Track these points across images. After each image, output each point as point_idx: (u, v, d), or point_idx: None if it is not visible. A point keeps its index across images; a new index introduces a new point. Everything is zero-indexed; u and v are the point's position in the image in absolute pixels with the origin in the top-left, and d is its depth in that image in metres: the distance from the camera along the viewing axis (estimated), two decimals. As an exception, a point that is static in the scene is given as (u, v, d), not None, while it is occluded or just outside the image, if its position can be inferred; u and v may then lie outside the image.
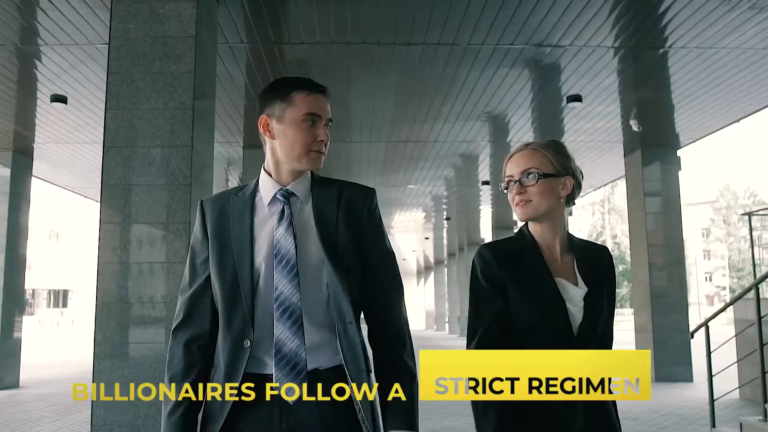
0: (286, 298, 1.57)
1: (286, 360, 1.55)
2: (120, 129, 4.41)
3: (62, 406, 8.10)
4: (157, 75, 4.47)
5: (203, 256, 1.68)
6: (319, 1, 5.49)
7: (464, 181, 13.86)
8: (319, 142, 1.66)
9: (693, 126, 9.50)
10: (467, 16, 5.78)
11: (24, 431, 6.42)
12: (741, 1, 5.56)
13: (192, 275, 1.69)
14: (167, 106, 4.43)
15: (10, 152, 9.99)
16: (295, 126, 1.65)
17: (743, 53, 6.65)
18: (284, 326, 1.56)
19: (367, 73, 7.20)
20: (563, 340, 1.66)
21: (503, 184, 1.80)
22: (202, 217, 1.70)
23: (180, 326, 1.67)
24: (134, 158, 4.37)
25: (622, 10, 5.76)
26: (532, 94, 8.06)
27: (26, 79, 7.38)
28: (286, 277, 1.58)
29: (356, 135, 9.72)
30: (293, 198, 1.68)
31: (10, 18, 5.71)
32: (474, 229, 21.78)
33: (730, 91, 7.93)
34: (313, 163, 1.67)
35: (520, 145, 1.80)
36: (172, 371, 1.64)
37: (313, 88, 1.67)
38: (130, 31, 4.53)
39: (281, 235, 1.61)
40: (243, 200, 1.69)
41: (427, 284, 39.47)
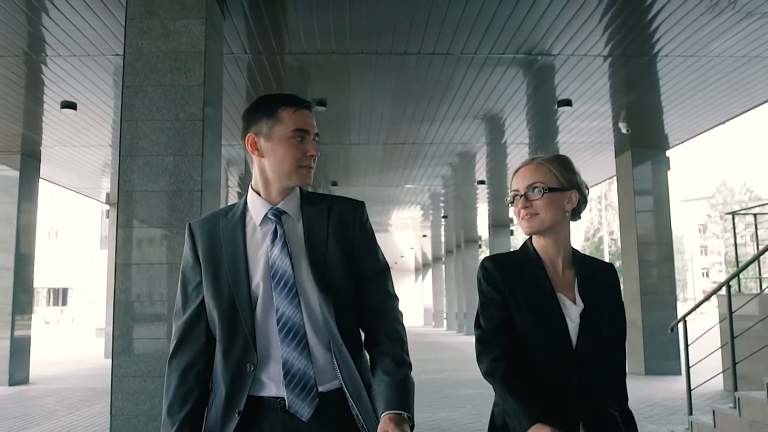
0: (288, 318, 1.55)
1: (296, 381, 1.54)
2: (134, 138, 4.70)
3: (73, 400, 8.41)
4: (168, 88, 4.77)
5: (195, 281, 1.65)
6: (319, 13, 5.78)
7: (461, 180, 14.16)
8: (309, 158, 1.65)
9: (681, 128, 9.81)
10: (460, 26, 6.07)
11: (39, 423, 6.71)
12: (726, 8, 5.85)
13: (184, 301, 1.66)
14: (178, 117, 4.73)
15: (18, 155, 10.28)
16: (284, 143, 1.63)
17: (725, 60, 6.97)
18: (290, 348, 1.55)
19: (365, 79, 7.50)
20: (564, 355, 1.68)
21: (509, 198, 1.80)
22: (192, 242, 1.67)
23: (175, 353, 1.64)
24: (148, 166, 4.67)
25: (612, 20, 6.04)
26: (526, 97, 8.34)
27: (36, 86, 7.65)
28: (286, 298, 1.56)
29: (355, 137, 10.02)
30: (285, 216, 1.65)
31: (22, 29, 6.00)
32: (471, 226, 22.07)
33: (715, 94, 8.25)
34: (303, 178, 1.65)
35: (526, 160, 1.81)
36: (169, 401, 1.61)
37: (299, 104, 1.66)
38: (143, 47, 4.82)
39: (277, 255, 1.59)
40: (233, 222, 1.66)
41: (425, 281, 39.71)
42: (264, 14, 5.80)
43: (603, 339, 1.72)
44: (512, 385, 1.64)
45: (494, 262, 1.78)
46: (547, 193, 1.73)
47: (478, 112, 8.89)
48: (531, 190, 1.74)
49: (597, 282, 1.77)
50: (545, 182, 1.74)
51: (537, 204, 1.73)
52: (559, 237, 1.76)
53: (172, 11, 4.87)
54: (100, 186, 13.99)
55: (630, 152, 10.67)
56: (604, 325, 1.72)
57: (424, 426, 6.33)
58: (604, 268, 1.82)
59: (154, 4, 4.87)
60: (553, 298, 1.71)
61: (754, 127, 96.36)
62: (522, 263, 1.77)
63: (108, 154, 10.84)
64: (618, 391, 1.75)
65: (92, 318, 44.68)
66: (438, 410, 7.24)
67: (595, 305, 1.72)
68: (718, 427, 4.79)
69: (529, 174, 1.76)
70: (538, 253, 1.78)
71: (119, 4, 5.42)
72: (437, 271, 34.08)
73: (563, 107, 8.35)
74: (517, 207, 1.76)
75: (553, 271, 1.76)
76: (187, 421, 1.58)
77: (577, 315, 1.70)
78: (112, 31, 5.99)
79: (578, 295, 1.73)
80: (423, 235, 25.58)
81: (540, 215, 1.73)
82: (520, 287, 1.73)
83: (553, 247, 1.77)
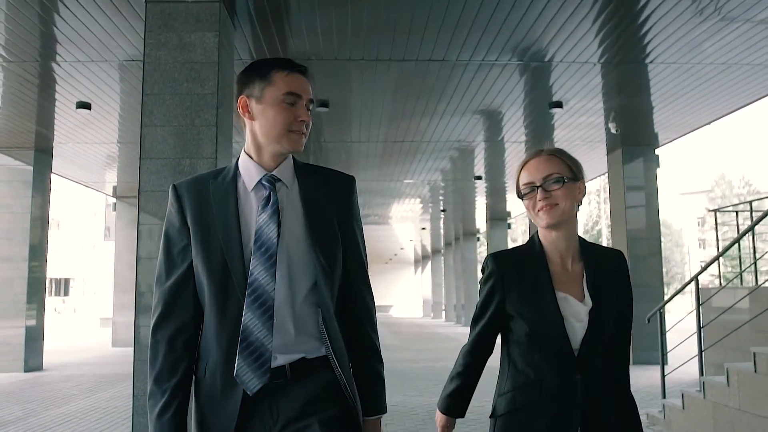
0: (259, 285, 1.50)
1: (251, 350, 1.49)
2: (153, 143, 5.11)
3: (87, 385, 8.85)
4: (185, 96, 5.17)
5: (182, 244, 1.58)
6: (322, 21, 6.16)
7: (459, 176, 14.55)
8: (300, 122, 1.60)
9: (670, 127, 10.21)
10: (456, 34, 6.45)
11: (59, 407, 7.14)
12: (711, 14, 6.22)
13: (169, 265, 1.59)
14: (194, 122, 5.14)
15: (32, 151, 10.69)
16: (275, 105, 1.59)
17: (706, 67, 7.37)
18: (254, 315, 1.50)
19: (365, 83, 7.89)
20: (562, 353, 1.66)
21: (522, 191, 1.76)
22: (179, 203, 1.60)
23: (160, 321, 1.58)
24: (166, 168, 5.08)
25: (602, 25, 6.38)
26: (521, 98, 8.73)
27: (51, 88, 8.04)
28: (263, 265, 1.51)
29: (356, 135, 10.42)
30: (279, 184, 1.61)
31: (45, 36, 6.40)
32: (469, 220, 22.48)
33: (701, 98, 8.65)
34: (294, 143, 1.61)
35: (533, 152, 1.78)
36: (157, 370, 1.55)
37: (293, 67, 1.62)
38: (161, 58, 5.22)
39: (264, 221, 1.55)
40: (224, 185, 1.61)
41: (425, 273, 40.10)
42: (270, 23, 6.19)
43: (610, 336, 1.70)
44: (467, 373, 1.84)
45: (497, 261, 1.77)
46: (565, 183, 1.71)
47: (474, 112, 9.27)
48: (549, 180, 1.71)
49: (606, 273, 1.74)
50: (561, 172, 1.72)
51: (556, 194, 1.70)
52: (571, 228, 1.75)
53: (187, 24, 5.27)
54: (107, 180, 14.41)
55: (620, 150, 11.07)
56: (611, 319, 1.70)
57: (420, 409, 6.78)
58: (612, 256, 1.80)
59: (171, 18, 5.27)
60: (552, 296, 1.69)
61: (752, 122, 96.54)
62: (526, 259, 1.76)
63: (116, 149, 11.26)
64: (621, 378, 1.74)
65: (95, 308, 45.19)
66: (433, 395, 7.68)
67: (605, 301, 1.69)
68: (686, 409, 5.24)
69: (543, 165, 1.73)
70: (546, 247, 1.76)
71: (136, 14, 5.82)
72: (436, 263, 34.43)
73: (554, 109, 8.74)
74: (533, 199, 1.73)
75: (561, 266, 1.74)
76: (177, 389, 1.54)
77: (585, 313, 1.67)
78: (128, 38, 6.38)
79: (587, 292, 1.70)
80: (422, 228, 25.95)
81: (560, 205, 1.70)
82: (521, 285, 1.72)
83: (564, 239, 1.74)
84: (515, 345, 1.74)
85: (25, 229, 10.57)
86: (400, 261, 42.91)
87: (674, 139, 10.88)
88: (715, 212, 8.37)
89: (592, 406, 1.66)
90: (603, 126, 10.09)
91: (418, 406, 7.00)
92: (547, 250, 1.76)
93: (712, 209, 8.60)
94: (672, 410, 5.47)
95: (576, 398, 1.65)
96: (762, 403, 4.34)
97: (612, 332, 1.70)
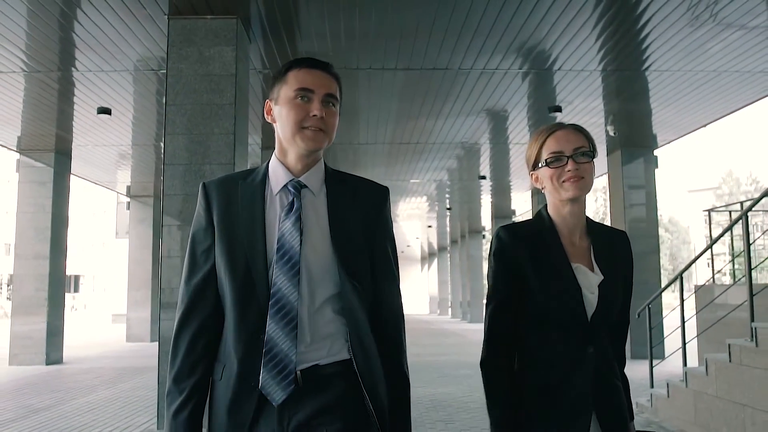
0: (283, 295, 1.47)
1: (275, 362, 1.46)
2: (176, 150, 5.52)
3: (108, 377, 9.29)
4: (205, 106, 5.58)
5: (206, 244, 1.56)
6: (332, 31, 6.52)
7: (464, 176, 14.92)
8: (313, 118, 1.53)
9: (668, 129, 10.55)
10: (459, 42, 6.79)
11: (84, 396, 7.57)
12: (707, 20, 6.51)
13: (192, 265, 1.57)
14: (213, 131, 5.54)
15: (52, 153, 11.14)
16: (288, 103, 1.55)
17: (697, 74, 7.72)
18: (278, 326, 1.47)
19: (372, 90, 8.28)
20: (578, 325, 1.66)
21: (547, 159, 1.72)
22: (207, 202, 1.58)
23: (183, 320, 1.56)
24: (188, 173, 5.48)
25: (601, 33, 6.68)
26: (524, 101, 9.09)
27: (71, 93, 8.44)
28: (287, 275, 1.48)
29: (363, 137, 10.81)
30: (305, 190, 1.57)
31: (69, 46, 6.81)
32: (475, 218, 22.83)
33: (697, 101, 8.98)
34: (308, 141, 1.55)
35: (559, 123, 1.77)
36: (177, 369, 1.54)
37: (306, 64, 1.58)
38: (182, 70, 5.63)
39: (287, 229, 1.51)
40: (252, 186, 1.58)
41: (431, 270, 40.45)
42: (282, 34, 6.54)
43: (618, 309, 1.74)
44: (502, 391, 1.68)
45: (509, 232, 1.75)
46: (592, 158, 1.73)
47: (478, 115, 9.64)
48: (579, 153, 1.70)
49: (612, 250, 1.76)
50: (588, 148, 1.72)
51: (584, 167, 1.70)
52: (582, 204, 1.75)
53: (207, 39, 5.67)
54: (121, 179, 14.85)
55: (620, 151, 11.41)
56: (620, 294, 1.74)
57: (424, 400, 7.17)
58: (617, 236, 1.81)
59: (191, 33, 5.67)
60: (569, 268, 1.69)
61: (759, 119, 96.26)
62: (537, 232, 1.75)
63: (130, 151, 11.71)
64: (619, 357, 1.78)
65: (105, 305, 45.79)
66: (437, 387, 8.07)
67: (613, 275, 1.72)
68: (671, 397, 5.62)
69: (573, 137, 1.72)
70: (555, 221, 1.75)
71: (157, 27, 6.20)
72: (442, 261, 34.71)
73: (554, 113, 9.10)
74: (559, 169, 1.70)
75: (569, 241, 1.74)
76: (195, 390, 1.53)
77: (596, 285, 1.69)
78: (148, 48, 6.77)
79: (596, 266, 1.72)
80: (428, 226, 26.30)
81: (585, 179, 1.70)
82: (535, 257, 1.70)
83: (576, 215, 1.74)
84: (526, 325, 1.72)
85: (46, 227, 11.03)
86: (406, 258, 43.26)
87: (672, 140, 11.21)
88: (709, 212, 8.71)
89: (602, 380, 1.67)
90: (603, 128, 10.43)
91: (423, 396, 7.39)
92: (556, 223, 1.75)
93: (705, 209, 8.92)
94: (658, 399, 5.85)
95: (589, 371, 1.65)
96: (736, 390, 4.71)
97: (619, 306, 1.74)
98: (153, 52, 6.87)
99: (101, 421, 6.13)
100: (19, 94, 8.37)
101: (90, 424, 5.99)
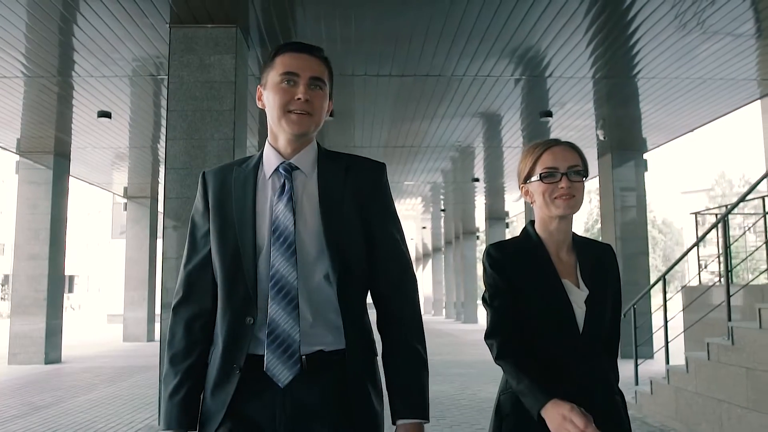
0: (282, 276, 1.48)
1: (279, 341, 1.47)
2: (178, 155, 5.70)
3: (107, 376, 9.45)
4: (205, 112, 5.76)
5: (204, 229, 1.59)
6: (328, 37, 6.70)
7: (458, 177, 15.15)
8: (298, 101, 1.54)
9: (657, 133, 10.79)
10: (452, 50, 7.00)
11: (84, 394, 7.73)
12: (694, 27, 6.71)
13: (192, 249, 1.61)
14: (213, 136, 5.72)
15: (51, 155, 11.29)
16: (274, 88, 1.56)
17: (682, 81, 7.96)
18: (279, 306, 1.48)
19: (368, 95, 8.48)
20: (571, 340, 1.67)
21: (542, 174, 1.73)
22: (204, 189, 1.62)
23: (180, 303, 1.59)
24: (189, 177, 5.66)
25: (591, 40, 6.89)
26: (515, 106, 9.30)
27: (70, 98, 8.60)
28: (283, 255, 1.49)
29: (359, 140, 11.01)
30: (296, 172, 1.58)
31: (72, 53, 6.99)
32: (469, 219, 23.07)
33: (685, 106, 9.22)
34: (293, 125, 1.55)
35: (554, 140, 1.78)
36: (173, 351, 1.56)
37: (292, 48, 1.59)
38: (183, 77, 5.81)
39: (280, 210, 1.53)
40: (246, 172, 1.60)
41: (425, 271, 40.63)
42: (280, 41, 6.76)
43: (608, 323, 1.74)
44: (525, 365, 1.66)
45: (499, 249, 1.77)
46: (584, 177, 1.74)
47: (471, 119, 9.85)
48: (572, 171, 1.72)
49: (598, 265, 1.77)
50: (581, 166, 1.74)
51: (576, 186, 1.71)
52: (570, 221, 1.77)
53: (207, 48, 5.86)
54: (118, 181, 15.00)
55: (610, 155, 11.64)
56: (608, 308, 1.75)
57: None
58: (603, 250, 1.83)
59: (192, 42, 5.86)
60: (559, 283, 1.70)
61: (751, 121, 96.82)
62: (525, 249, 1.76)
63: (128, 153, 11.88)
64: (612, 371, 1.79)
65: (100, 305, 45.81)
66: (430, 385, 8.25)
67: (599, 290, 1.73)
68: (654, 394, 5.84)
69: (569, 155, 1.74)
70: (542, 237, 1.77)
71: (160, 36, 6.38)
72: (437, 262, 34.87)
73: (545, 118, 9.33)
74: (553, 185, 1.71)
75: (556, 257, 1.75)
76: (190, 372, 1.54)
77: (583, 301, 1.70)
78: (148, 54, 6.94)
79: (581, 281, 1.73)
80: (423, 227, 26.50)
81: (576, 197, 1.71)
82: (525, 274, 1.72)
83: (563, 231, 1.76)
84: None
85: (45, 228, 11.17)
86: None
87: (662, 144, 11.46)
88: (695, 215, 8.93)
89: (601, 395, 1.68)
90: (594, 131, 10.66)
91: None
92: (543, 239, 1.77)
93: (692, 212, 9.15)
94: (642, 395, 6.07)
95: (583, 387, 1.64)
96: (713, 387, 4.92)
97: (608, 320, 1.75)
98: (153, 58, 7.04)
99: (104, 417, 6.30)
100: (18, 98, 8.53)
101: (93, 420, 6.16)
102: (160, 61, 7.00)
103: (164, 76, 7.35)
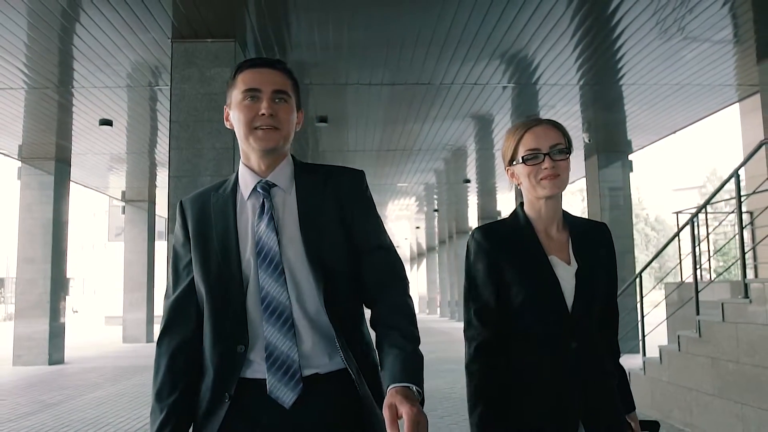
0: (273, 298, 1.45)
1: (278, 364, 1.44)
2: (181, 163, 6.02)
3: (110, 376, 9.75)
4: (206, 123, 6.08)
5: (186, 259, 1.55)
6: (322, 49, 6.99)
7: (450, 179, 15.51)
8: (262, 117, 1.50)
9: (641, 135, 11.17)
10: (440, 59, 7.32)
11: (91, 392, 8.04)
12: (675, 33, 7.02)
13: (175, 280, 1.56)
14: (215, 146, 6.04)
15: (52, 161, 11.57)
16: (237, 106, 1.53)
17: (662, 87, 8.32)
18: (274, 328, 1.45)
19: (361, 102, 8.81)
20: (558, 319, 1.64)
21: (524, 156, 1.69)
22: (183, 218, 1.58)
23: (163, 334, 1.55)
24: (192, 185, 5.97)
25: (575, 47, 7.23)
26: (504, 110, 9.64)
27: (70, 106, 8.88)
28: (272, 276, 1.46)
29: (352, 145, 11.34)
30: (275, 189, 1.54)
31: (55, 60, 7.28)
32: (462, 218, 23.41)
33: (667, 109, 9.59)
34: (261, 141, 1.51)
35: (536, 119, 1.73)
36: (158, 386, 1.52)
37: (252, 64, 1.56)
38: (185, 90, 6.12)
39: (263, 231, 1.49)
40: (224, 196, 1.56)
41: (420, 270, 40.92)
42: (276, 53, 7.07)
43: (600, 299, 1.70)
44: (485, 390, 1.64)
45: (484, 233, 1.74)
46: (568, 155, 1.71)
47: (462, 121, 10.19)
48: (555, 150, 1.68)
49: (591, 241, 1.74)
50: (564, 144, 1.70)
51: (560, 165, 1.68)
52: (559, 199, 1.74)
53: (207, 61, 6.17)
54: (115, 185, 15.27)
55: (596, 156, 12.01)
56: (601, 284, 1.71)
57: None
58: (596, 227, 1.80)
59: (193, 56, 6.17)
60: (545, 262, 1.68)
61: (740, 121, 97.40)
62: (513, 230, 1.74)
63: (126, 158, 12.19)
64: (612, 349, 1.77)
65: (97, 307, 45.96)
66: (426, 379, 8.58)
67: (591, 265, 1.69)
68: (632, 384, 6.15)
69: (551, 133, 1.70)
70: (531, 217, 1.74)
71: (159, 47, 6.68)
72: (431, 261, 35.18)
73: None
74: (536, 166, 1.68)
75: (546, 235, 1.73)
76: (176, 407, 1.50)
77: (572, 276, 1.67)
78: (150, 66, 7.25)
79: (573, 257, 1.70)
80: (417, 227, 26.80)
81: (561, 176, 1.68)
82: (511, 255, 1.69)
83: (552, 210, 1.73)
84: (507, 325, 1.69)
85: (47, 232, 11.46)
86: (396, 258, 43.62)
87: (646, 145, 11.84)
88: (677, 214, 9.27)
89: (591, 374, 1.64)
90: (581, 133, 11.02)
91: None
92: (532, 219, 1.74)
93: (673, 212, 9.49)
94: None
95: (574, 368, 1.62)
96: (684, 376, 5.28)
97: (601, 296, 1.70)
98: (153, 69, 7.34)
99: (112, 413, 6.61)
100: (20, 107, 8.82)
101: (102, 415, 6.48)
102: (159, 71, 7.30)
103: (163, 86, 7.66)
